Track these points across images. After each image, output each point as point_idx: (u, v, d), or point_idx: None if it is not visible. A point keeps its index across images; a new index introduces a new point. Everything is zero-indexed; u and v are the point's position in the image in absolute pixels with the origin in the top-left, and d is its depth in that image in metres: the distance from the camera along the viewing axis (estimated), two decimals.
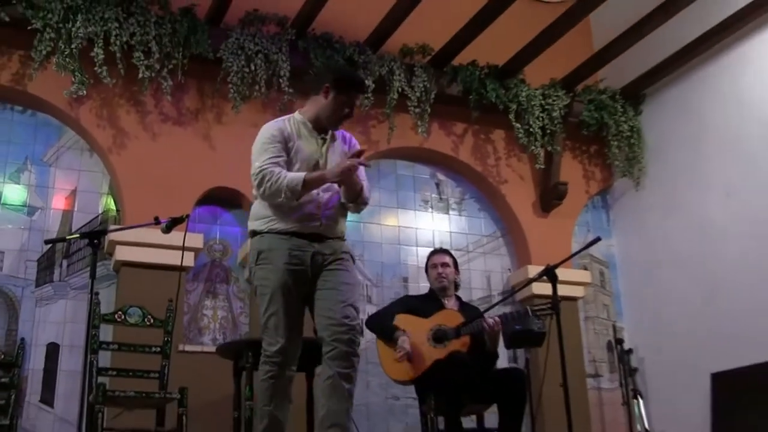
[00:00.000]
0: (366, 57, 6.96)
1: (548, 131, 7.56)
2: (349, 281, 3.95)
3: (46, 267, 6.27)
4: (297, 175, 3.85)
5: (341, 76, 4.13)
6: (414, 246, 7.39)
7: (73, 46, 6.13)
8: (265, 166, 3.88)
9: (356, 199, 4.04)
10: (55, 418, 5.95)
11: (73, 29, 6.14)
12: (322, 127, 4.12)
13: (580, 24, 7.19)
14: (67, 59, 6.14)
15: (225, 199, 6.80)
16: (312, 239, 3.91)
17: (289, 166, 3.96)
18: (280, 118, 4.20)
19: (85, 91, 6.26)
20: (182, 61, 6.43)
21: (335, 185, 4.02)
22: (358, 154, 3.92)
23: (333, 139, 4.16)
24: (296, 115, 4.17)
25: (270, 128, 4.06)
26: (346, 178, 3.88)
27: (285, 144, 3.99)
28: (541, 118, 7.49)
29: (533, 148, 7.49)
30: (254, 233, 4.01)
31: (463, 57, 7.35)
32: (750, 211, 6.78)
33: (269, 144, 3.97)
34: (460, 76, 7.36)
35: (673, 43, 7.30)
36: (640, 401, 6.82)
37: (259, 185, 3.89)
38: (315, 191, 3.92)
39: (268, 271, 3.85)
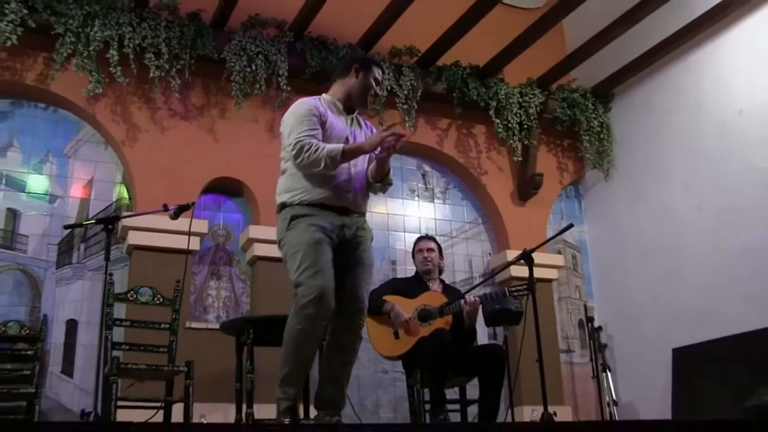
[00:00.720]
0: None
1: (525, 126, 7.56)
2: (368, 262, 3.82)
3: (65, 250, 6.26)
4: (336, 146, 3.65)
5: (367, 58, 4.07)
6: (402, 232, 7.39)
7: (90, 48, 6.13)
8: (302, 137, 3.63)
9: (384, 179, 3.88)
10: (74, 388, 5.95)
11: (91, 33, 6.13)
12: (350, 107, 3.95)
13: (553, 28, 7.21)
14: (86, 60, 6.13)
15: (228, 188, 6.78)
16: (341, 212, 3.73)
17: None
18: (311, 97, 3.93)
19: (101, 90, 6.25)
20: (189, 61, 6.42)
21: (363, 163, 3.87)
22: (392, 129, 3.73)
23: (358, 121, 4.02)
24: (325, 96, 3.97)
25: (305, 103, 3.82)
26: (384, 150, 3.68)
27: (320, 119, 3.76)
28: (518, 115, 7.50)
29: (511, 142, 7.49)
30: (284, 205, 3.75)
31: (447, 58, 7.34)
32: (706, 201, 6.85)
33: (305, 117, 3.72)
34: (445, 75, 7.35)
35: (639, 47, 7.33)
36: (609, 374, 6.85)
37: (297, 155, 3.62)
38: (346, 165, 3.73)
39: (300, 231, 3.61)
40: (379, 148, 3.72)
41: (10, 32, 5.85)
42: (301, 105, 3.81)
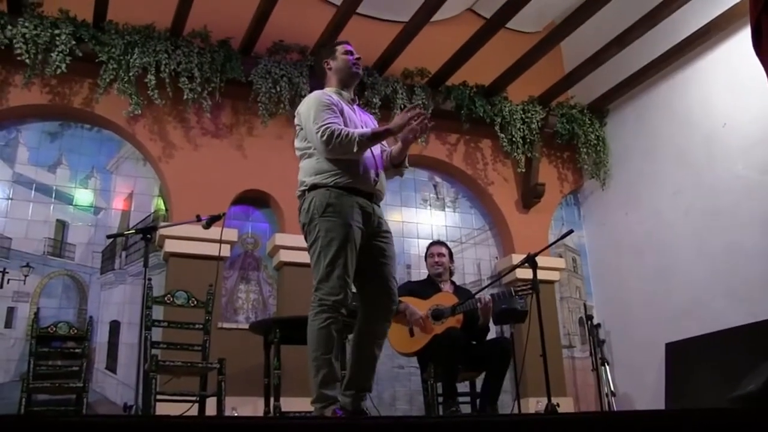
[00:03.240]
0: (373, 79, 6.96)
1: (528, 140, 7.53)
2: (393, 256, 3.60)
3: (108, 257, 6.28)
4: (363, 129, 3.48)
5: (326, 47, 3.88)
6: (415, 238, 7.37)
7: (131, 74, 6.17)
8: (329, 124, 3.39)
9: (401, 163, 3.70)
10: (117, 383, 5.97)
11: (131, 60, 6.17)
12: (347, 90, 3.76)
13: (552, 51, 7.19)
14: (126, 85, 6.17)
15: (256, 200, 6.79)
16: (370, 199, 3.52)
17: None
18: (321, 91, 3.69)
19: (140, 111, 6.28)
20: (219, 84, 6.44)
21: (382, 150, 3.70)
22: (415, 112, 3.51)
23: (355, 104, 3.81)
24: (327, 89, 3.73)
25: (323, 94, 3.60)
26: (411, 132, 3.48)
27: (337, 107, 3.55)
28: (521, 130, 7.48)
29: (515, 154, 7.46)
30: (315, 186, 3.46)
31: (455, 78, 7.33)
32: (693, 206, 6.82)
33: (325, 106, 3.49)
34: (453, 94, 7.34)
35: (630, 67, 7.32)
36: (607, 368, 6.79)
37: (328, 141, 3.36)
38: (369, 151, 3.54)
39: (336, 225, 3.36)
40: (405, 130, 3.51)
41: (60, 61, 5.92)
42: (320, 95, 3.59)
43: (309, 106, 3.56)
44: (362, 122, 3.71)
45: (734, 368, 5.72)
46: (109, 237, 5.73)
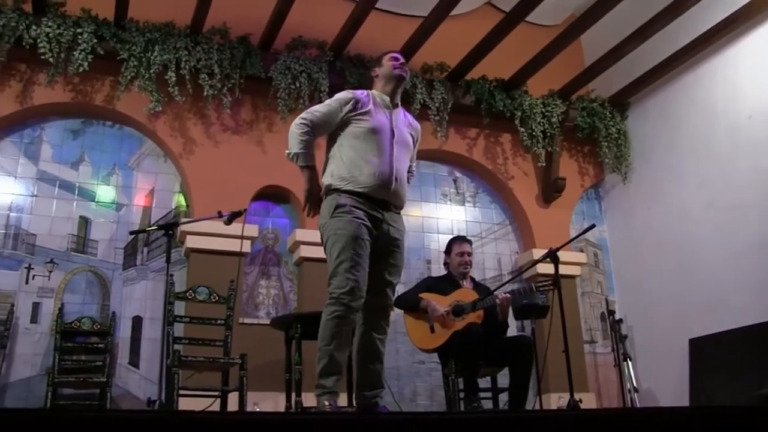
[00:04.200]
0: None
1: (548, 134, 7.49)
2: (399, 263, 3.70)
3: (130, 253, 6.33)
4: (304, 152, 3.67)
5: (376, 60, 4.03)
6: (436, 233, 7.35)
7: (151, 71, 6.21)
8: (309, 115, 3.70)
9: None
10: (140, 378, 6.01)
11: (152, 58, 6.21)
12: (393, 98, 3.87)
13: (572, 44, 7.13)
14: (147, 82, 6.21)
15: (276, 195, 6.80)
16: (381, 206, 3.61)
17: (361, 123, 3.69)
18: (361, 90, 3.89)
19: (160, 108, 6.32)
20: (239, 80, 6.46)
21: (406, 159, 3.81)
22: None
23: (404, 116, 3.94)
24: (374, 91, 3.90)
25: (349, 92, 3.82)
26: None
27: (355, 105, 3.70)
28: (541, 124, 7.43)
29: (535, 148, 7.42)
30: (330, 190, 3.63)
31: (474, 72, 7.30)
32: (717, 199, 6.72)
33: (333, 101, 3.76)
34: (473, 88, 7.31)
35: (652, 59, 7.23)
36: (629, 363, 6.74)
37: (295, 127, 3.69)
38: (389, 159, 3.64)
39: (344, 222, 3.50)
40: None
41: (83, 59, 5.97)
42: (345, 92, 3.82)
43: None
44: (398, 129, 3.78)
45: (760, 365, 5.67)
46: (131, 233, 5.77)
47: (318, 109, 3.75)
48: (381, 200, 3.62)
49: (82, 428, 1.94)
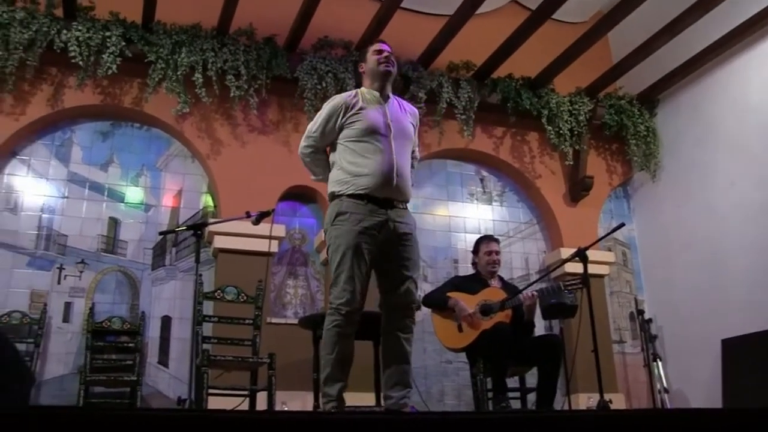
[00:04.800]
0: (419, 73, 6.93)
1: (575, 133, 7.44)
2: (413, 256, 3.67)
3: (159, 254, 6.39)
4: (315, 170, 3.84)
5: (359, 50, 4.02)
6: (462, 233, 7.33)
7: (178, 73, 6.26)
8: (305, 147, 3.81)
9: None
10: (169, 377, 6.07)
11: (179, 59, 6.27)
12: (383, 91, 3.82)
13: (599, 41, 7.06)
14: (174, 84, 6.26)
15: (302, 196, 6.83)
16: (384, 205, 3.59)
17: (354, 124, 3.68)
18: (346, 92, 3.89)
19: (188, 109, 6.37)
20: (266, 81, 6.49)
21: (407, 152, 3.77)
22: None
23: (399, 105, 3.89)
24: (363, 88, 3.87)
25: (333, 100, 3.81)
26: None
27: (344, 111, 3.68)
28: (569, 122, 7.38)
29: (563, 147, 7.37)
30: (332, 195, 3.66)
31: (501, 71, 7.27)
32: (749, 197, 6.62)
33: (324, 117, 3.75)
34: (499, 87, 7.28)
35: (682, 55, 7.14)
36: (659, 363, 6.68)
37: (301, 150, 3.84)
38: (388, 155, 3.60)
39: (342, 232, 3.52)
40: None
41: (111, 62, 6.04)
42: (329, 103, 3.80)
43: (322, 109, 3.80)
44: (393, 120, 3.73)
45: None
46: (161, 234, 5.83)
47: (314, 129, 3.77)
48: (384, 199, 3.60)
49: (118, 426, 1.97)
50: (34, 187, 6.19)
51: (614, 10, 6.58)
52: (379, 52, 3.82)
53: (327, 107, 3.78)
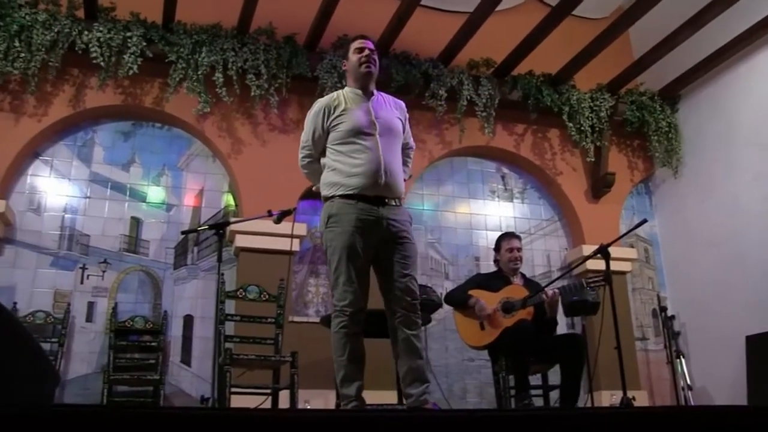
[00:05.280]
0: (439, 71, 6.91)
1: (597, 129, 7.39)
2: (410, 254, 3.61)
3: (181, 253, 6.42)
4: (312, 174, 3.84)
5: (340, 45, 3.98)
6: (484, 230, 7.30)
7: (199, 72, 6.28)
8: (302, 149, 3.82)
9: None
10: (192, 376, 6.10)
11: (199, 59, 6.29)
12: (366, 89, 3.78)
13: (620, 36, 7.00)
14: (195, 84, 6.29)
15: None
16: (376, 203, 3.56)
17: (339, 126, 3.66)
18: (327, 96, 3.84)
19: (208, 109, 6.39)
20: (286, 80, 6.50)
21: (396, 148, 3.72)
22: None
23: (383, 100, 3.85)
24: (345, 89, 3.85)
25: (314, 106, 3.79)
26: None
27: (328, 114, 3.67)
28: (590, 118, 7.34)
29: (584, 143, 7.33)
30: (325, 199, 3.65)
31: (521, 68, 7.23)
32: None
33: (310, 121, 3.76)
34: (520, 84, 7.25)
35: (704, 50, 7.07)
36: (683, 361, 6.61)
37: (300, 161, 3.86)
38: (376, 153, 3.56)
39: (336, 234, 3.52)
40: None
41: (132, 63, 6.08)
42: (314, 106, 3.79)
43: (307, 117, 3.82)
44: (380, 116, 3.70)
45: None
46: (183, 233, 5.87)
47: (305, 138, 3.79)
48: (375, 197, 3.57)
49: (143, 425, 1.97)
50: (57, 188, 6.25)
51: (635, 6, 6.53)
52: (360, 50, 3.77)
53: (310, 115, 3.78)
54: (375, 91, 3.83)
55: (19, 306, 5.76)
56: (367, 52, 3.76)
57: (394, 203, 3.63)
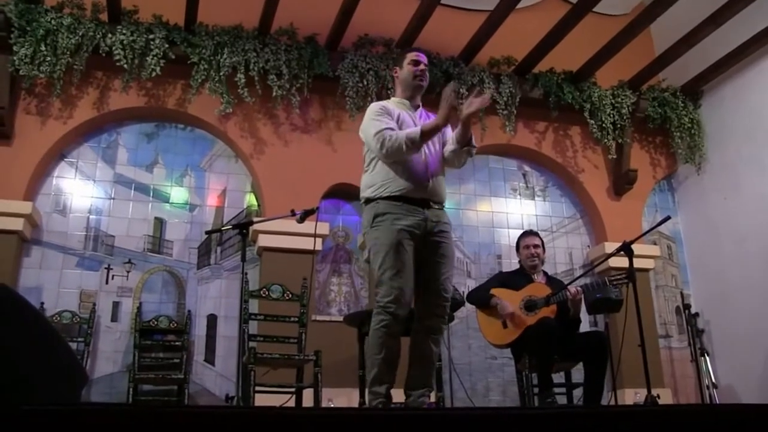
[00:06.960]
0: (460, 69, 6.90)
1: (618, 126, 7.34)
2: (449, 254, 3.68)
3: (204, 253, 6.46)
4: (413, 129, 3.64)
5: (398, 56, 4.01)
6: (506, 228, 7.28)
7: (221, 73, 6.32)
8: (381, 130, 3.61)
9: (468, 143, 3.75)
10: (216, 375, 6.14)
11: (221, 60, 6.32)
12: (414, 101, 3.90)
13: (641, 33, 6.95)
14: (217, 85, 6.32)
15: (346, 193, 6.82)
16: (421, 205, 3.62)
17: None
18: (376, 102, 3.94)
19: (231, 109, 6.42)
20: (307, 80, 6.51)
21: (438, 151, 3.79)
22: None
23: (419, 110, 3.92)
24: (393, 98, 3.98)
25: (375, 105, 3.83)
26: (454, 118, 3.60)
27: (391, 115, 3.73)
28: (611, 115, 7.29)
29: (606, 141, 7.28)
30: (368, 200, 3.69)
31: (542, 65, 7.20)
32: None
33: (378, 115, 3.71)
34: (541, 81, 7.21)
35: (726, 46, 7.01)
36: (707, 358, 6.55)
37: (381, 147, 3.59)
38: (421, 155, 3.66)
39: (382, 231, 3.55)
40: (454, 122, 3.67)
41: (155, 64, 6.12)
42: (373, 107, 3.81)
43: (365, 119, 3.79)
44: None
45: None
46: (207, 233, 5.91)
47: (379, 125, 3.66)
48: (420, 199, 3.63)
49: (169, 423, 1.99)
50: (82, 189, 6.31)
51: (656, 2, 6.47)
52: (416, 63, 3.87)
53: (372, 113, 3.76)
54: (420, 105, 3.94)
55: (46, 306, 5.83)
56: (422, 66, 3.88)
57: (437, 207, 3.71)
